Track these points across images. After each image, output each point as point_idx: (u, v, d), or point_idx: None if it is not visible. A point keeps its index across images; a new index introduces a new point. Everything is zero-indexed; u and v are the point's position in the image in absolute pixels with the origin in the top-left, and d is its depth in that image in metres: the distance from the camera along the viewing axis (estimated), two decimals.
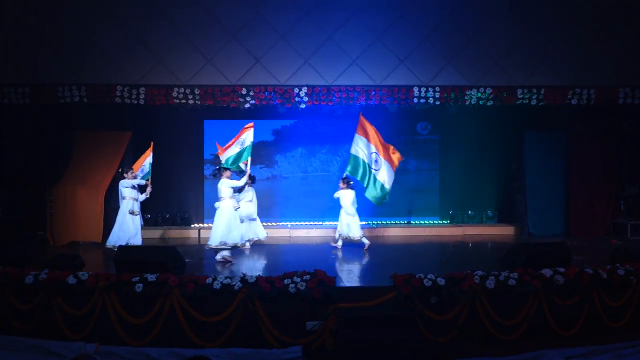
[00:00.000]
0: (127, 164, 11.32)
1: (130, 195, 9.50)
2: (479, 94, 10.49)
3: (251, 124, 8.92)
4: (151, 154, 9.88)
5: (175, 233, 11.87)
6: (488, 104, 10.58)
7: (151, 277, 6.26)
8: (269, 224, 12.57)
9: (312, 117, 12.33)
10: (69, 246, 10.26)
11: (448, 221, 12.97)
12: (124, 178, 9.54)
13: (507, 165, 12.54)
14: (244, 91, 10.33)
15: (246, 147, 8.74)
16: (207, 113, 12.05)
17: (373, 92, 10.47)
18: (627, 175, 11.72)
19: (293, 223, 12.49)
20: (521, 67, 10.57)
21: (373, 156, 9.87)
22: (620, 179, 11.77)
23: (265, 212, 12.76)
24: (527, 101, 10.52)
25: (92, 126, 11.32)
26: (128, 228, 9.33)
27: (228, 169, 8.66)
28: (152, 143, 9.97)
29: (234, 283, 6.19)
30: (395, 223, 12.65)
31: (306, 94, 10.37)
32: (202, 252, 9.97)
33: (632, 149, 11.61)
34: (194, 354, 5.48)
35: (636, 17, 10.62)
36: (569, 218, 11.74)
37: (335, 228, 10.32)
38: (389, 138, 12.92)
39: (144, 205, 12.16)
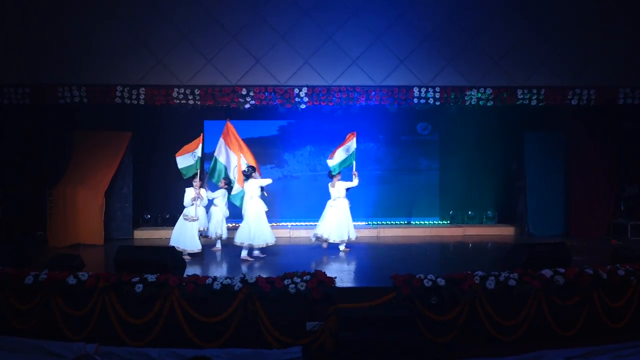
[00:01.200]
0: (126, 165, 11.36)
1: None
2: (479, 95, 10.49)
3: (354, 132, 9.87)
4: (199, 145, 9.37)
5: None
6: (488, 104, 10.58)
7: (151, 278, 6.26)
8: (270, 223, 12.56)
9: (313, 117, 12.32)
10: (69, 246, 10.25)
11: (448, 221, 12.96)
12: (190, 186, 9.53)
13: (507, 165, 12.54)
14: (244, 91, 10.33)
15: (351, 154, 9.69)
16: (207, 113, 12.02)
17: (373, 93, 10.47)
18: (627, 175, 11.72)
19: (293, 223, 12.48)
20: (521, 68, 10.57)
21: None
22: (620, 179, 11.77)
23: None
24: (527, 101, 10.52)
25: (92, 126, 11.32)
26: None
27: (339, 173, 9.74)
28: (201, 134, 9.59)
29: (234, 283, 6.20)
30: (395, 223, 12.64)
31: (306, 94, 10.37)
32: (203, 252, 9.97)
33: (632, 149, 11.61)
34: (194, 355, 5.52)
35: (636, 17, 10.62)
36: (569, 218, 11.74)
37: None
38: (389, 138, 13.06)
39: (144, 205, 12.22)
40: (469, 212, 12.92)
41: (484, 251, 10.29)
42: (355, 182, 9.54)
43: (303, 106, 10.47)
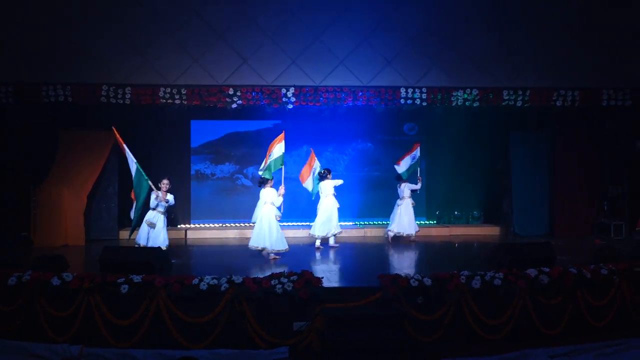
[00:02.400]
0: (112, 165, 11.26)
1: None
2: (465, 95, 10.57)
3: (419, 142, 11.07)
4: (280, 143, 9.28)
5: None
6: (474, 105, 10.67)
7: (137, 278, 6.22)
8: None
9: (300, 117, 12.31)
10: (53, 247, 10.13)
11: (435, 221, 13.03)
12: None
13: (493, 165, 12.64)
14: (231, 91, 10.29)
15: (416, 161, 10.85)
16: (194, 113, 11.95)
17: (360, 93, 10.50)
18: (611, 175, 11.87)
19: (280, 223, 12.40)
20: (507, 69, 10.68)
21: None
22: (603, 179, 11.92)
23: (252, 212, 12.75)
24: (513, 102, 10.62)
25: (77, 126, 11.20)
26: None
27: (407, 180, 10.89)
28: (283, 131, 9.42)
29: (220, 284, 6.18)
30: (382, 223, 12.65)
31: (293, 94, 10.36)
32: (189, 253, 9.94)
33: (616, 150, 11.77)
34: (180, 355, 5.50)
35: (620, 20, 10.77)
36: (553, 218, 11.87)
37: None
38: (375, 138, 13.09)
39: (130, 205, 12.09)
40: (455, 212, 12.99)
41: (470, 251, 10.36)
42: (419, 185, 10.93)
43: (290, 106, 10.46)
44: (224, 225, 12.44)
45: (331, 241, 10.16)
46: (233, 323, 6.09)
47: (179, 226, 12.34)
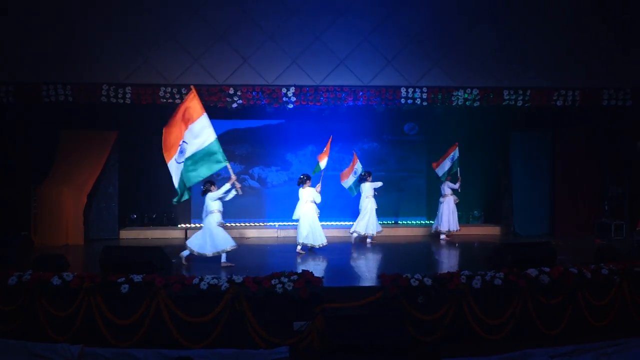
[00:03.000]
0: (112, 164, 11.27)
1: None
2: (466, 95, 10.57)
3: (456, 143, 11.33)
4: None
5: (161, 233, 11.78)
6: (475, 105, 10.67)
7: (137, 278, 6.22)
8: (256, 224, 12.56)
9: (300, 117, 12.33)
10: (53, 247, 10.13)
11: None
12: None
13: (494, 165, 12.64)
14: (231, 91, 10.29)
15: (455, 161, 11.27)
16: None
17: (361, 93, 10.50)
18: (611, 175, 11.87)
19: (280, 223, 12.46)
20: (507, 69, 10.67)
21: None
22: (604, 179, 11.92)
23: (253, 212, 12.77)
24: (513, 102, 10.62)
25: (77, 126, 11.22)
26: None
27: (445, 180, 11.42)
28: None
29: (220, 283, 6.17)
30: (382, 223, 12.59)
31: (294, 94, 10.36)
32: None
33: (616, 150, 11.76)
34: (177, 355, 5.50)
35: (619, 21, 10.76)
36: (553, 218, 11.87)
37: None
38: (376, 138, 13.09)
39: (130, 204, 12.13)
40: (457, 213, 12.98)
41: (471, 251, 10.35)
42: (457, 185, 11.39)
43: (291, 106, 10.46)
44: (224, 225, 12.40)
45: (367, 240, 10.66)
46: (233, 323, 6.09)
47: (179, 226, 12.34)
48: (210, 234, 8.24)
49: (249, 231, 12.00)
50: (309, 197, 9.45)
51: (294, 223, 12.30)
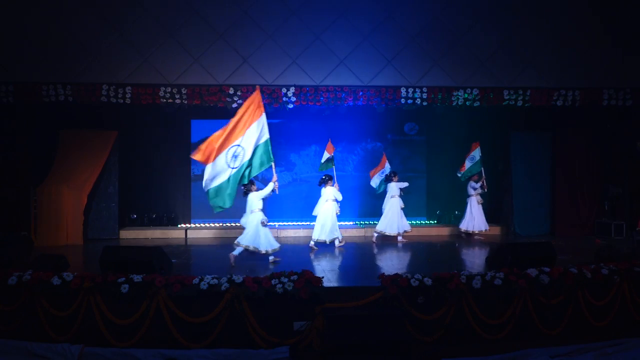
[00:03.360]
0: (112, 164, 11.28)
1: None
2: (466, 95, 10.57)
3: (477, 142, 11.45)
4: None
5: (161, 233, 11.79)
6: (475, 104, 10.67)
7: (137, 278, 6.21)
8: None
9: (301, 117, 12.33)
10: (53, 247, 10.13)
11: (435, 221, 13.03)
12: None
13: (494, 165, 12.63)
14: (231, 91, 10.29)
15: (477, 161, 11.39)
16: (194, 113, 11.99)
17: (361, 93, 10.50)
18: (611, 175, 11.87)
19: (280, 223, 12.47)
20: (507, 69, 10.66)
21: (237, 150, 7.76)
22: (604, 179, 11.92)
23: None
24: (514, 102, 10.62)
25: (77, 125, 11.22)
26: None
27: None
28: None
29: (220, 283, 6.17)
30: None
31: (294, 94, 10.36)
32: (189, 252, 9.94)
33: (616, 150, 11.76)
34: (178, 354, 5.50)
35: (619, 21, 10.77)
36: (554, 218, 11.87)
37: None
38: (376, 138, 13.09)
39: (130, 204, 12.14)
40: (456, 212, 12.98)
41: (470, 251, 10.34)
42: (477, 185, 11.50)
43: (291, 106, 10.46)
44: (224, 225, 12.44)
45: (399, 238, 10.97)
46: (233, 323, 6.08)
47: (179, 226, 12.35)
48: (258, 232, 8.47)
49: None
50: (330, 195, 10.00)
51: (295, 223, 12.43)
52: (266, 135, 7.66)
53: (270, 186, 8.37)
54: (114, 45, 10.19)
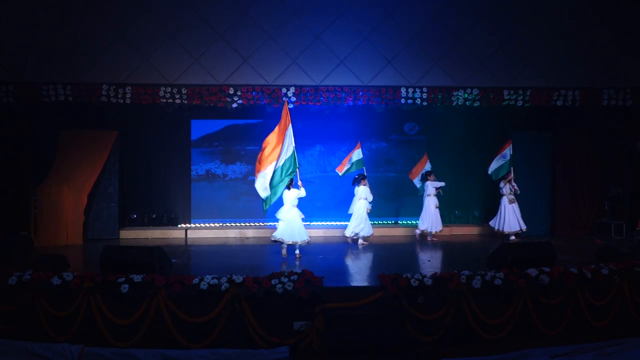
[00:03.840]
0: (112, 164, 11.27)
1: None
2: (466, 95, 10.57)
3: (510, 140, 11.17)
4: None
5: (161, 233, 11.79)
6: (475, 104, 10.67)
7: (137, 278, 6.22)
8: (256, 224, 12.55)
9: (301, 117, 12.31)
10: (53, 247, 10.13)
11: None
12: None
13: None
14: (231, 91, 10.29)
15: (508, 160, 11.21)
16: (194, 112, 11.99)
17: (361, 93, 10.50)
18: (611, 175, 11.87)
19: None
20: (507, 69, 10.67)
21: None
22: (604, 179, 11.92)
23: (252, 212, 12.76)
24: (514, 102, 10.62)
25: (77, 125, 11.21)
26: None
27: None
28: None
29: (220, 283, 6.17)
30: (383, 223, 12.66)
31: (294, 94, 10.36)
32: (189, 252, 9.94)
33: (616, 150, 11.76)
34: (178, 354, 5.50)
35: (619, 21, 10.77)
36: (554, 218, 11.87)
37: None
38: (376, 138, 13.09)
39: (130, 204, 12.14)
40: (456, 212, 12.98)
41: (471, 251, 10.35)
42: (507, 185, 11.24)
43: (291, 106, 10.44)
44: (224, 225, 12.44)
45: (428, 237, 11.32)
46: (233, 323, 6.08)
47: (179, 226, 12.35)
48: (295, 225, 9.18)
49: (249, 231, 12.00)
50: (361, 194, 10.53)
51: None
52: (292, 145, 8.70)
53: (302, 189, 9.22)
54: (114, 45, 10.19)
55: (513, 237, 11.02)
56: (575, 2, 10.83)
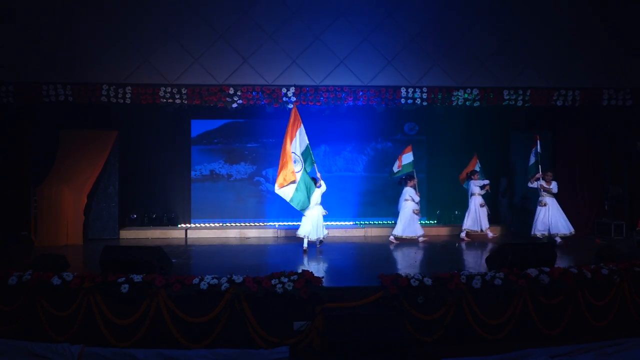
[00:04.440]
0: (112, 164, 11.28)
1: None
2: (466, 95, 10.57)
3: (537, 136, 10.68)
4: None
5: (161, 233, 11.79)
6: (475, 104, 10.67)
7: (137, 278, 6.22)
8: (256, 224, 12.56)
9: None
10: (53, 247, 10.13)
11: (435, 221, 13.01)
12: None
13: (494, 165, 12.63)
14: (231, 91, 10.29)
15: (537, 158, 10.74)
16: (194, 113, 12.00)
17: (361, 93, 10.50)
18: (611, 175, 11.87)
19: (281, 223, 12.47)
20: (507, 69, 10.67)
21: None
22: (604, 179, 11.92)
23: (252, 212, 12.78)
24: (514, 102, 10.63)
25: (77, 125, 11.22)
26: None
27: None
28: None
29: (220, 283, 6.17)
30: (382, 223, 12.66)
31: (294, 94, 10.36)
32: (189, 252, 9.94)
33: (616, 150, 11.76)
34: (178, 354, 5.50)
35: (619, 21, 10.77)
36: None
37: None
38: (376, 138, 13.09)
39: (130, 204, 12.14)
40: (456, 212, 12.96)
41: (470, 250, 10.34)
42: (535, 184, 10.75)
43: (290, 106, 10.46)
44: (224, 225, 12.44)
45: (489, 235, 11.32)
46: (233, 323, 6.09)
47: (179, 226, 12.35)
48: (319, 222, 9.83)
49: (249, 231, 12.00)
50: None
51: (295, 223, 12.40)
52: (306, 141, 9.55)
53: (323, 185, 9.88)
54: (114, 46, 10.19)
55: (559, 239, 10.24)
56: (575, 2, 10.83)
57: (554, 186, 10.44)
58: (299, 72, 10.46)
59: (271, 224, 12.53)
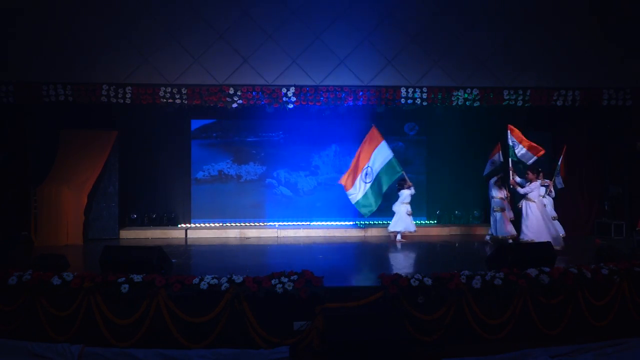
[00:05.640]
0: (112, 164, 11.28)
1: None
2: (466, 95, 10.58)
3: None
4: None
5: (161, 233, 11.79)
6: (475, 104, 10.68)
7: (137, 278, 6.21)
8: (256, 224, 12.56)
9: (300, 117, 12.32)
10: (53, 247, 10.13)
11: (435, 221, 13.02)
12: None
13: (494, 165, 12.61)
14: (231, 91, 10.30)
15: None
16: (194, 112, 12.00)
17: (361, 93, 10.50)
18: (611, 175, 11.87)
19: (280, 223, 12.47)
20: (507, 69, 10.69)
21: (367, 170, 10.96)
22: (604, 179, 11.92)
23: (252, 212, 12.78)
24: (514, 102, 10.64)
25: (77, 125, 11.22)
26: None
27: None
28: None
29: (220, 283, 6.17)
30: (383, 223, 12.65)
31: (294, 94, 10.37)
32: (189, 252, 9.94)
33: (616, 150, 11.76)
34: (178, 354, 5.49)
35: (619, 21, 10.78)
36: None
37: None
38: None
39: (130, 204, 12.15)
40: (456, 212, 12.98)
41: (470, 251, 10.34)
42: (546, 184, 10.35)
43: (290, 106, 10.47)
44: (224, 225, 12.44)
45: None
46: (233, 323, 6.08)
47: (179, 226, 12.35)
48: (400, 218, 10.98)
49: (249, 231, 12.00)
50: (497, 193, 10.82)
51: (294, 223, 12.43)
52: (390, 154, 10.80)
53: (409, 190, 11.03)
54: (114, 46, 10.20)
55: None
56: (575, 2, 10.83)
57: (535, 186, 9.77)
58: (299, 72, 10.46)
59: (271, 224, 12.53)
